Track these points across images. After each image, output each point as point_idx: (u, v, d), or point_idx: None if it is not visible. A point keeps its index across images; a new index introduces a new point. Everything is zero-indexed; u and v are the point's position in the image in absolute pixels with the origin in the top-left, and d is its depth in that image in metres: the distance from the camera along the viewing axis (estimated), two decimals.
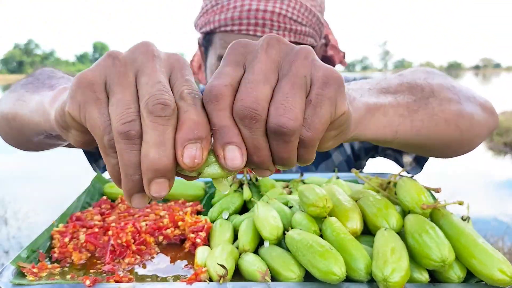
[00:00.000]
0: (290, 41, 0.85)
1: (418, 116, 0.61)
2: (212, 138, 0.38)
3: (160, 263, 0.60)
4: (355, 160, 1.10)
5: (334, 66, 1.11)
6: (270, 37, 0.41)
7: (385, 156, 1.07)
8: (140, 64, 0.40)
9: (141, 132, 0.36)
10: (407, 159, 1.01)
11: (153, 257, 0.62)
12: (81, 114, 0.39)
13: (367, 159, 1.13)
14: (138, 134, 0.36)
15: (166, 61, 0.41)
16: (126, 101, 0.37)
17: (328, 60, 1.11)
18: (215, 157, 0.38)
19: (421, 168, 0.99)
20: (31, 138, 0.66)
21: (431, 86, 0.64)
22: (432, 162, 0.97)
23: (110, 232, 0.63)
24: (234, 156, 0.37)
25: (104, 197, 0.78)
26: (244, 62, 0.40)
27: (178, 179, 0.89)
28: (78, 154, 1.12)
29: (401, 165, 1.03)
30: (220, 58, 0.89)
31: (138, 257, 0.61)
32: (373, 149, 1.08)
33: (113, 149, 0.38)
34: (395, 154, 1.03)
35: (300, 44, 0.88)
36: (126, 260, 0.59)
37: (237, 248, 0.60)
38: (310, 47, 0.41)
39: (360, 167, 1.11)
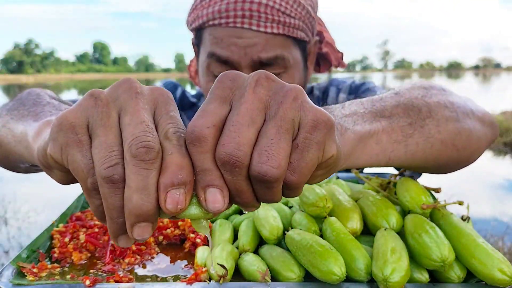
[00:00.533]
0: (279, 34, 0.86)
1: (413, 140, 0.58)
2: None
3: (160, 263, 0.60)
4: None
5: (330, 64, 1.12)
6: (259, 74, 0.39)
7: None
8: (122, 102, 0.39)
9: (124, 176, 0.36)
10: None
11: (153, 257, 0.62)
12: (63, 157, 0.38)
13: None
14: (122, 178, 0.36)
15: (149, 96, 0.41)
16: (109, 143, 0.36)
17: (323, 57, 1.10)
18: (195, 198, 0.38)
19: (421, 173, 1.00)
20: (18, 165, 0.66)
21: (429, 106, 0.62)
22: None
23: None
24: (216, 199, 0.36)
25: None
26: (231, 98, 0.38)
27: None
28: None
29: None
30: (210, 55, 0.88)
31: (138, 257, 0.61)
32: None
33: (96, 191, 0.37)
34: None
35: (290, 37, 0.88)
36: (126, 260, 0.60)
37: (237, 248, 0.60)
38: (300, 88, 0.39)
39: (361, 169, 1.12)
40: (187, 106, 1.11)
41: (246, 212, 0.73)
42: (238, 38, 0.84)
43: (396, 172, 0.72)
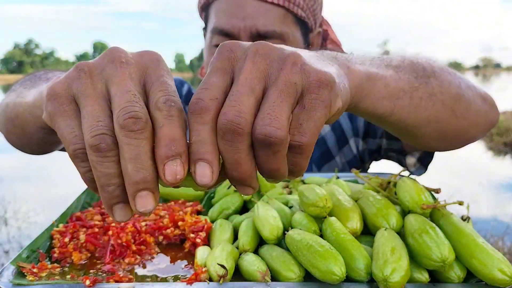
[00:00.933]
0: (279, 5, 0.88)
1: (417, 93, 0.60)
2: None
3: (160, 263, 0.60)
4: (360, 162, 1.10)
5: None
6: (258, 44, 0.40)
7: (388, 158, 1.06)
8: (108, 73, 0.39)
9: (113, 145, 0.36)
10: (410, 160, 1.01)
11: (153, 257, 0.62)
12: (52, 124, 0.40)
13: (371, 162, 1.13)
14: (110, 147, 0.36)
15: (138, 64, 0.41)
16: (95, 113, 0.37)
17: None
18: None
19: (426, 168, 0.99)
20: (34, 136, 0.66)
21: (433, 67, 0.64)
22: (431, 162, 0.97)
23: (110, 232, 0.63)
24: (204, 173, 0.36)
25: None
26: (232, 70, 0.39)
27: None
28: None
29: (405, 167, 1.03)
30: (213, 30, 0.91)
31: (138, 257, 0.61)
32: (376, 152, 1.08)
33: (79, 159, 0.38)
34: (398, 156, 1.03)
35: (290, 14, 0.90)
36: (126, 260, 0.60)
37: (237, 248, 0.60)
38: (298, 52, 0.40)
39: (364, 171, 1.11)
40: None
41: (246, 211, 0.73)
42: (239, 7, 0.87)
43: (396, 172, 0.72)
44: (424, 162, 0.98)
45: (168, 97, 0.38)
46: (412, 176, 0.73)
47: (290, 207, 0.67)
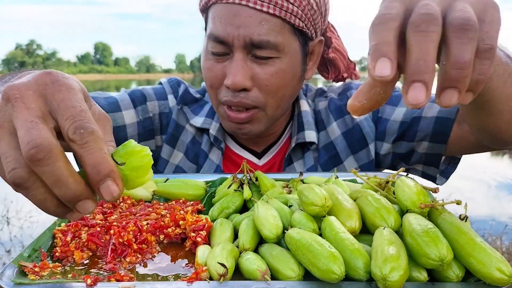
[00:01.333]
0: (275, 15, 0.86)
1: None
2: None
3: (161, 262, 0.61)
4: (375, 167, 1.07)
5: (338, 72, 1.09)
6: None
7: (412, 169, 1.06)
8: (9, 112, 0.41)
9: (28, 175, 0.39)
10: (434, 172, 1.03)
11: (154, 256, 0.62)
12: None
13: (387, 168, 1.09)
14: (25, 179, 0.39)
15: (34, 92, 0.42)
16: (4, 151, 0.40)
17: (331, 63, 1.08)
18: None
19: (447, 179, 1.06)
20: None
21: None
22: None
23: (111, 231, 0.63)
24: (385, 66, 0.40)
25: None
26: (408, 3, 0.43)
27: (180, 178, 0.89)
28: None
29: (430, 179, 1.05)
30: (209, 36, 0.90)
31: (139, 256, 0.61)
32: (404, 156, 1.04)
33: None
34: (423, 168, 1.03)
35: (287, 24, 0.88)
36: (127, 259, 0.60)
37: (237, 247, 0.60)
38: None
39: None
40: (190, 101, 1.11)
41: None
42: (234, 16, 0.86)
43: (394, 172, 0.73)
44: (446, 174, 1.05)
45: (76, 125, 0.40)
46: (411, 176, 0.73)
47: (290, 206, 0.68)
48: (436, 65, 0.42)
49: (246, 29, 0.86)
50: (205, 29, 0.98)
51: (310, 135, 1.05)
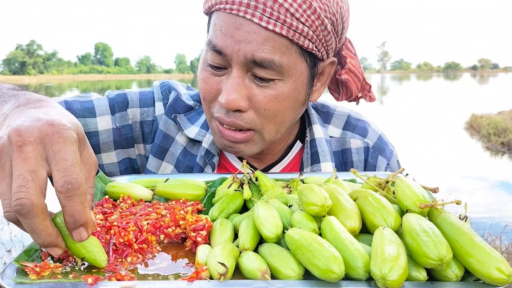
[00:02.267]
0: (281, 35, 0.78)
1: None
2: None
3: (161, 261, 0.61)
4: None
5: (350, 95, 1.01)
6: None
7: None
8: (10, 155, 0.50)
9: (17, 219, 0.50)
10: None
11: (154, 256, 0.62)
12: None
13: None
14: (14, 221, 0.51)
15: (36, 140, 0.50)
16: (2, 192, 0.50)
17: (343, 84, 1.00)
18: None
19: None
20: None
21: None
22: (429, 162, 0.98)
23: (112, 231, 0.63)
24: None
25: (106, 196, 0.79)
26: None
27: (180, 178, 0.89)
28: None
29: None
30: (208, 42, 0.83)
31: (140, 255, 0.61)
32: None
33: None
34: None
35: (294, 44, 0.80)
36: (128, 259, 0.60)
37: (238, 246, 0.61)
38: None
39: None
40: (181, 109, 1.02)
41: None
42: (236, 29, 0.78)
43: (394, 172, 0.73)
44: None
45: (65, 179, 0.50)
46: (410, 176, 0.74)
47: (290, 206, 0.68)
48: None
49: (247, 46, 0.78)
50: (208, 31, 0.90)
51: (328, 169, 0.98)
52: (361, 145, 1.04)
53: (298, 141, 1.04)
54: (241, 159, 1.00)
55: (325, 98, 1.09)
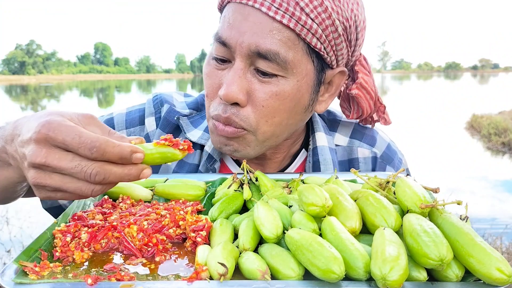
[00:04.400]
0: (288, 27, 0.76)
1: None
2: None
3: (161, 261, 0.61)
4: None
5: (362, 113, 0.97)
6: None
7: None
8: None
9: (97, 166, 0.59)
10: None
11: (154, 256, 0.62)
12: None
13: None
14: (97, 170, 0.59)
15: (46, 145, 0.59)
16: (62, 165, 0.60)
17: (354, 100, 0.96)
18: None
19: None
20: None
21: None
22: (430, 162, 0.97)
23: (116, 234, 0.63)
24: None
25: (106, 197, 0.79)
26: None
27: (180, 178, 0.88)
28: None
29: None
30: (215, 34, 0.82)
31: (140, 256, 0.61)
32: None
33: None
34: None
35: (302, 41, 0.78)
36: (128, 259, 0.60)
37: (238, 247, 0.60)
38: None
39: None
40: (169, 129, 0.99)
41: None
42: (244, 19, 0.77)
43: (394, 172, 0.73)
44: None
45: (87, 149, 0.57)
46: (411, 176, 0.73)
47: (290, 207, 0.68)
48: None
49: (252, 36, 0.76)
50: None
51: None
52: (369, 154, 1.01)
53: (304, 149, 1.00)
54: (240, 164, 0.96)
55: (334, 105, 1.04)
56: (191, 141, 0.92)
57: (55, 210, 0.98)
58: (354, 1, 0.82)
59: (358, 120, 1.03)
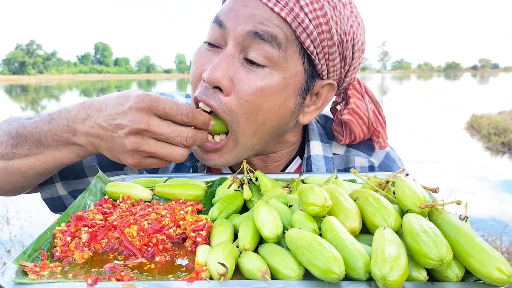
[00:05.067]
0: (284, 19, 0.76)
1: None
2: None
3: (161, 261, 0.61)
4: None
5: (354, 139, 0.96)
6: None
7: None
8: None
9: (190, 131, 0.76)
10: None
11: (154, 256, 0.62)
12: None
13: None
14: (191, 133, 0.76)
15: (143, 109, 0.73)
16: (163, 131, 0.74)
17: (346, 126, 0.94)
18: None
19: None
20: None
21: None
22: (430, 162, 0.97)
23: (115, 234, 0.63)
24: None
25: (106, 197, 0.79)
26: None
27: (180, 178, 0.88)
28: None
29: None
30: (214, 17, 0.82)
31: (140, 256, 0.61)
32: None
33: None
34: None
35: (295, 38, 0.78)
36: (128, 259, 0.60)
37: (237, 247, 0.60)
38: None
39: None
40: None
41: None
42: (243, 5, 0.78)
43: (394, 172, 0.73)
44: None
45: (184, 115, 0.73)
46: (411, 176, 0.73)
47: (290, 207, 0.68)
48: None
49: (250, 19, 0.76)
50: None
51: None
52: (366, 163, 0.99)
53: (298, 157, 0.99)
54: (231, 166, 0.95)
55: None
56: None
57: (53, 201, 0.99)
58: (356, 20, 0.82)
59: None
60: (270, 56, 0.77)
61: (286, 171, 0.97)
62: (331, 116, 1.03)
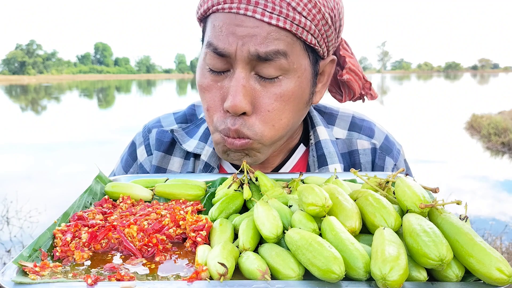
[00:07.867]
0: (284, 29, 0.76)
1: None
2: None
3: (161, 261, 0.61)
4: None
5: (354, 94, 0.99)
6: None
7: None
8: None
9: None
10: None
11: (154, 256, 0.62)
12: None
13: None
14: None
15: None
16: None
17: (345, 85, 0.99)
18: None
19: None
20: None
21: None
22: (430, 162, 0.97)
23: (116, 235, 0.63)
24: None
25: (106, 197, 0.79)
26: None
27: (180, 178, 0.89)
28: (80, 154, 1.12)
29: None
30: (208, 45, 0.80)
31: (140, 256, 0.61)
32: None
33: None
34: None
35: (297, 38, 0.78)
36: (128, 259, 0.60)
37: (238, 247, 0.61)
38: None
39: None
40: (166, 138, 1.02)
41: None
42: (238, 26, 0.76)
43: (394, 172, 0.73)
44: None
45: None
46: (411, 172, 0.73)
47: (290, 207, 0.68)
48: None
49: (251, 40, 0.75)
50: (202, 40, 0.87)
51: (338, 170, 0.94)
52: (368, 146, 1.01)
53: (302, 144, 1.00)
54: (238, 168, 0.97)
55: (326, 100, 1.07)
56: (187, 152, 0.98)
57: None
58: None
59: (352, 111, 1.06)
60: (280, 67, 0.78)
61: (291, 158, 0.99)
62: (326, 104, 1.07)
